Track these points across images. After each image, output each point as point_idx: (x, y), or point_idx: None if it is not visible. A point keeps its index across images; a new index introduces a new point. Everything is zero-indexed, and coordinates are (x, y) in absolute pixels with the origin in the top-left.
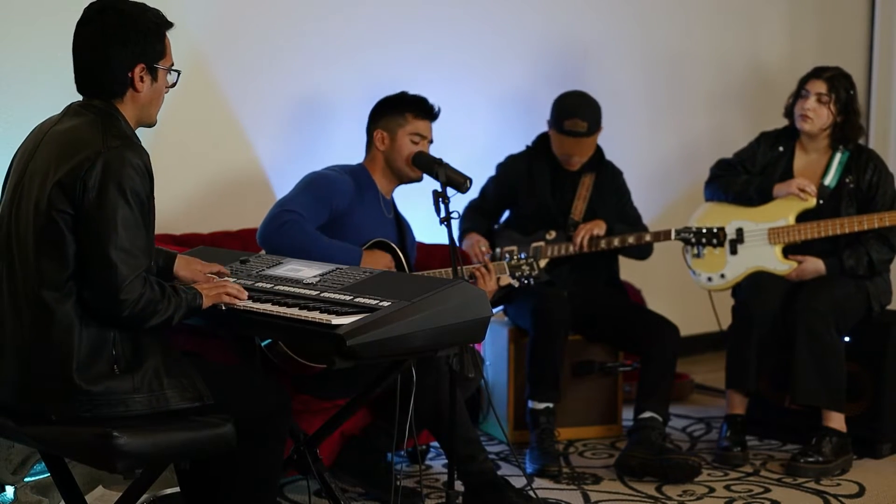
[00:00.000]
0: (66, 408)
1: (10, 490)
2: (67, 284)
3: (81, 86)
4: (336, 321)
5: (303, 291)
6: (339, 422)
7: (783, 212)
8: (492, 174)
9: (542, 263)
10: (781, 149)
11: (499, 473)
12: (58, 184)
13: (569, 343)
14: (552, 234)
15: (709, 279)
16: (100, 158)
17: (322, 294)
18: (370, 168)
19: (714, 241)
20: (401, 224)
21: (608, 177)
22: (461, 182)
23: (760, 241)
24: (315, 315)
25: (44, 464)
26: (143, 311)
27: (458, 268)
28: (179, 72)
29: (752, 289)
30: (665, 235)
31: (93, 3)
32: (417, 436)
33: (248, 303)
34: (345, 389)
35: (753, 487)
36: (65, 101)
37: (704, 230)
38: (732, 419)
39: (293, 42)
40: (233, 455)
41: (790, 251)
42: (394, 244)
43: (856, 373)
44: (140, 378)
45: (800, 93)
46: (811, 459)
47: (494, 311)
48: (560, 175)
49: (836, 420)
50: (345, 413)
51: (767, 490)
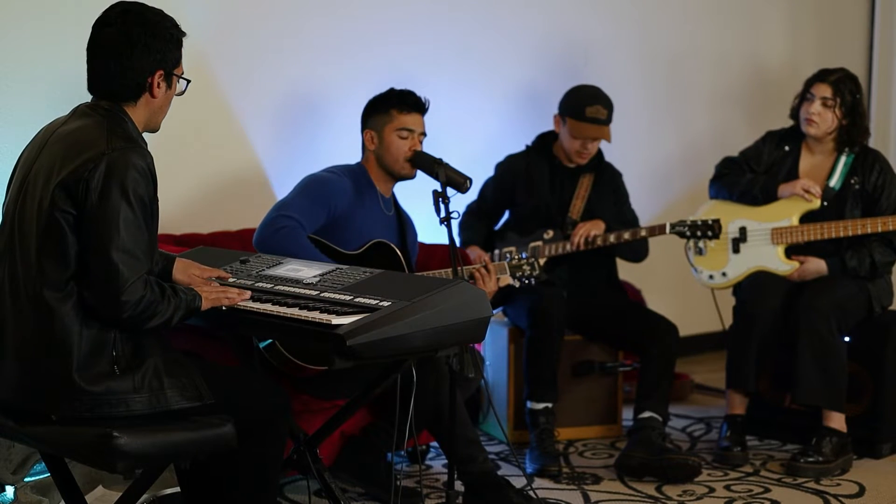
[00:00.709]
0: (67, 408)
1: (11, 490)
2: (69, 285)
3: (94, 86)
4: (336, 321)
5: (303, 291)
6: (339, 422)
7: (787, 212)
8: (490, 175)
9: (541, 262)
10: (787, 148)
11: (499, 473)
12: (61, 184)
13: (568, 343)
14: (550, 234)
15: (710, 277)
16: (103, 160)
17: (322, 294)
18: (367, 167)
19: (709, 234)
20: (402, 220)
21: (607, 177)
22: (461, 182)
23: (763, 241)
24: (315, 315)
25: (44, 463)
26: (144, 313)
27: (459, 268)
28: (189, 81)
29: (753, 289)
30: (660, 230)
31: (115, 5)
32: (417, 436)
33: (248, 303)
34: (345, 389)
35: (753, 487)
36: (65, 101)
37: (699, 222)
38: (732, 419)
39: (294, 42)
40: (233, 455)
41: (792, 251)
42: (393, 244)
43: (856, 373)
44: (140, 378)
45: (805, 96)
46: (811, 459)
47: (494, 312)
48: (559, 174)
49: (837, 420)
50: (345, 413)
51: (767, 490)
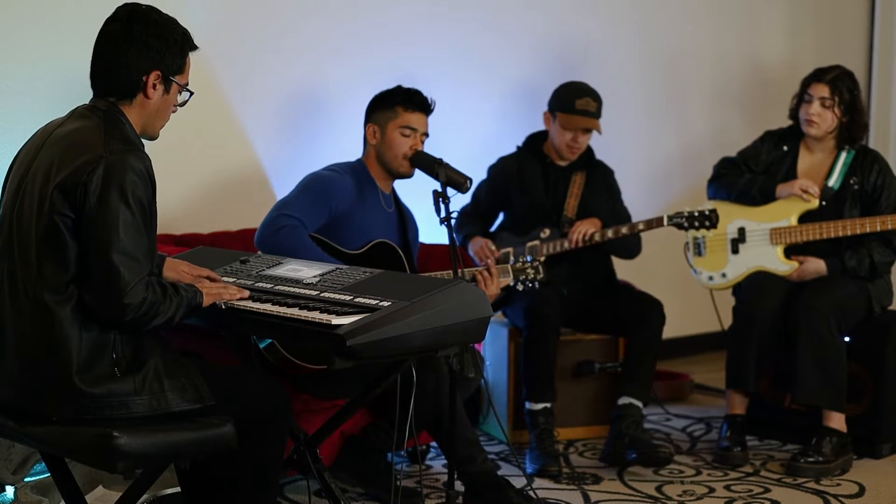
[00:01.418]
0: (68, 409)
1: (11, 490)
2: (68, 288)
3: (94, 82)
4: (336, 321)
5: (303, 291)
6: (339, 422)
7: (786, 212)
8: (483, 178)
9: (542, 262)
10: (786, 148)
11: (499, 473)
12: (59, 186)
13: (569, 343)
14: (546, 233)
15: (710, 278)
16: (101, 162)
17: (322, 294)
18: (367, 164)
19: (707, 224)
20: (402, 216)
21: (599, 175)
22: (461, 182)
23: (762, 241)
24: (315, 315)
25: (44, 463)
26: (147, 315)
27: (459, 270)
28: (192, 93)
29: (753, 289)
30: (657, 222)
31: (126, 4)
32: (417, 436)
33: (248, 303)
34: (345, 389)
35: (753, 487)
36: (66, 101)
37: (696, 213)
38: (732, 419)
39: (294, 42)
40: (233, 455)
41: (792, 251)
42: (395, 241)
43: (856, 373)
44: (141, 380)
45: (803, 97)
46: (811, 459)
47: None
48: (551, 173)
49: (837, 420)
50: (345, 413)
51: (767, 490)
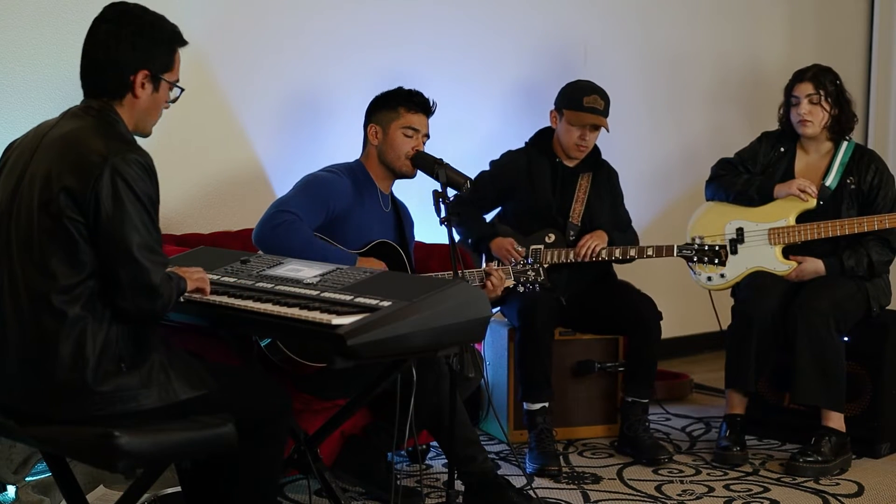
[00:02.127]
0: (77, 408)
1: (12, 489)
2: (78, 288)
3: (83, 81)
4: (336, 321)
5: (303, 291)
6: (340, 421)
7: (784, 212)
8: (485, 170)
9: (545, 267)
10: (783, 149)
11: (499, 473)
12: (66, 190)
13: (569, 343)
14: (551, 237)
15: (709, 279)
16: (107, 167)
17: (322, 294)
18: (366, 164)
19: (716, 260)
20: (399, 216)
21: (604, 177)
22: (461, 182)
23: (760, 242)
24: (315, 315)
25: (45, 463)
26: (169, 302)
27: (460, 270)
28: (183, 89)
29: (752, 289)
30: (668, 251)
31: (115, 3)
32: (417, 436)
33: (249, 303)
34: (345, 389)
35: (753, 487)
36: (66, 102)
37: (707, 247)
38: (732, 419)
39: (294, 42)
40: (234, 455)
41: (790, 251)
42: (394, 242)
43: (855, 373)
44: (147, 373)
45: (790, 101)
46: (810, 459)
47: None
48: (559, 174)
49: (836, 420)
50: (345, 413)
51: (767, 490)
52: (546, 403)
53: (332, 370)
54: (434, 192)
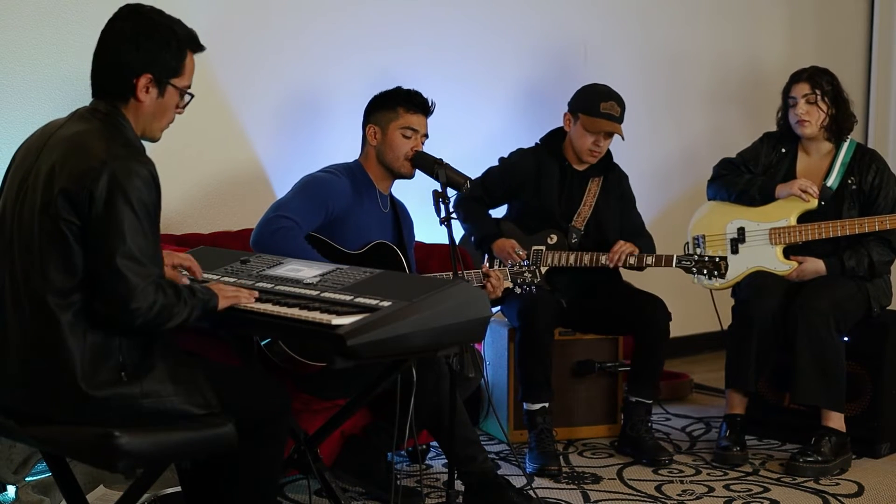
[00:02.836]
0: (71, 412)
1: (12, 489)
2: (72, 294)
3: (91, 81)
4: (336, 321)
5: (303, 291)
6: (340, 421)
7: (785, 212)
8: (493, 165)
9: (543, 271)
10: (784, 150)
11: (499, 473)
12: (63, 192)
13: (569, 343)
14: (553, 239)
15: (709, 279)
16: (105, 170)
17: (322, 294)
18: (365, 165)
19: (715, 273)
20: (397, 216)
21: (614, 182)
22: (461, 182)
23: (761, 241)
24: (315, 315)
25: (45, 463)
26: (158, 318)
27: (461, 271)
28: (193, 95)
29: (753, 289)
30: (667, 261)
31: (129, 3)
32: (417, 436)
33: (249, 303)
34: (345, 389)
35: (753, 487)
36: (66, 102)
37: (707, 258)
38: (732, 419)
39: (294, 42)
40: (234, 455)
41: (791, 251)
42: (393, 243)
43: (855, 373)
44: (148, 384)
45: (787, 102)
46: (810, 459)
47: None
48: (568, 177)
49: (836, 420)
50: (345, 413)
51: (766, 490)
52: (546, 403)
53: (332, 370)
54: (434, 192)
